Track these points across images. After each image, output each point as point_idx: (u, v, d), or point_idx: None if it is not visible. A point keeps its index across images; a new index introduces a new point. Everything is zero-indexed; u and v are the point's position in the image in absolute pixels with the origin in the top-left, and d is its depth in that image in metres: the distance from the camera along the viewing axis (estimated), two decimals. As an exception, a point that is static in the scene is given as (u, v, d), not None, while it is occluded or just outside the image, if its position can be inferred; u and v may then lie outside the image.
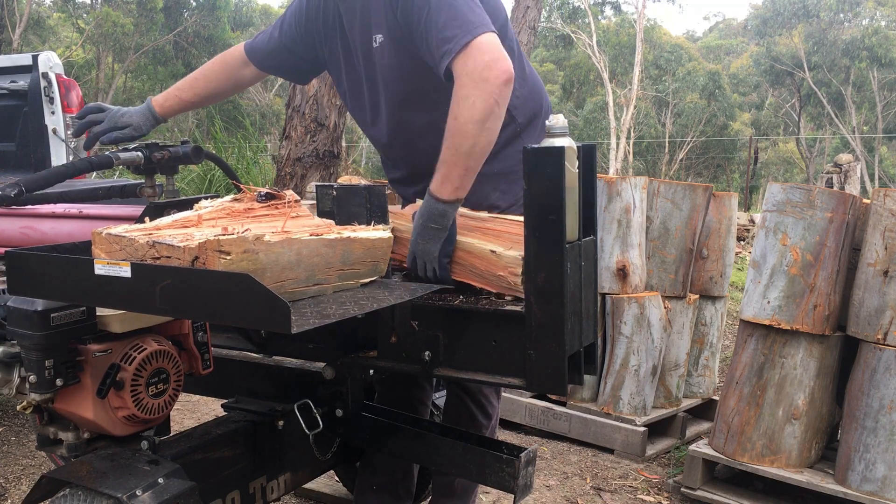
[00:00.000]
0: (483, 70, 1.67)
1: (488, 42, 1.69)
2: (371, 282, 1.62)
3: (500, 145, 1.96)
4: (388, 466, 2.23)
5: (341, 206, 1.77)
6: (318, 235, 1.49)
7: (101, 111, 2.12)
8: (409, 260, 1.76)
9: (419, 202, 1.87)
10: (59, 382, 1.56)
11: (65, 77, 4.84)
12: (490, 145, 1.71)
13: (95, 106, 2.14)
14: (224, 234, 1.38)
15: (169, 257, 1.39)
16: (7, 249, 1.56)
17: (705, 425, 3.64)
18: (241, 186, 1.76)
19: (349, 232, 1.58)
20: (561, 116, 1.56)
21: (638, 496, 2.97)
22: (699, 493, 2.86)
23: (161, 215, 1.71)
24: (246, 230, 1.41)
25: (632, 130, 27.37)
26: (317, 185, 1.86)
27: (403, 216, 1.88)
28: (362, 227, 1.65)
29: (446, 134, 1.70)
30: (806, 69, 27.86)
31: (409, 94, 1.93)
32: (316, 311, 1.37)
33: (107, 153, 1.92)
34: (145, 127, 2.13)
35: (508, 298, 1.66)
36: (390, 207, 1.85)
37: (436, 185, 1.71)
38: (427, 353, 1.68)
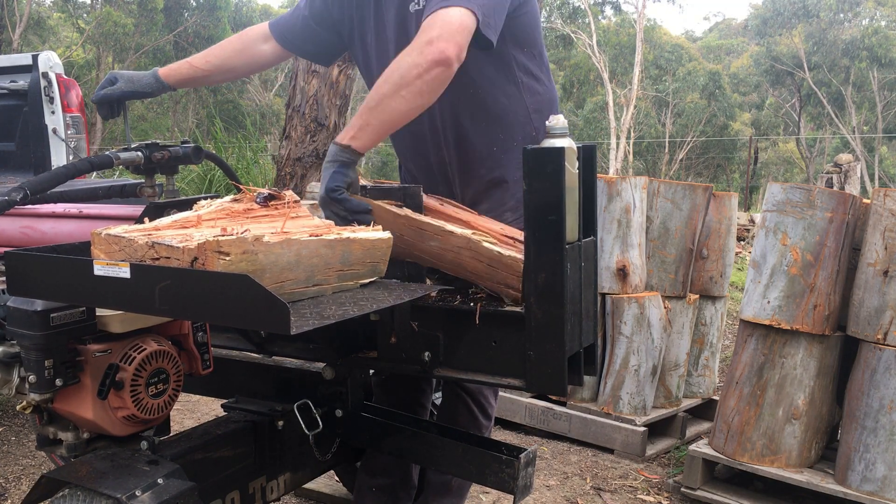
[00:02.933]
0: (426, 41, 1.66)
1: (450, 19, 1.67)
2: (370, 282, 1.62)
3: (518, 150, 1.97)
4: (387, 468, 2.23)
5: None
6: (317, 236, 1.49)
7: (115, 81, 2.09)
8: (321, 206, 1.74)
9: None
10: (58, 382, 1.56)
11: (65, 77, 4.84)
12: (402, 116, 1.70)
13: (110, 77, 2.11)
14: (223, 235, 1.38)
15: (168, 258, 1.39)
16: (7, 249, 1.56)
17: (705, 425, 3.64)
18: (241, 187, 1.76)
19: (348, 233, 1.57)
20: (561, 117, 1.56)
21: (638, 496, 2.97)
22: (699, 493, 2.86)
23: (161, 215, 1.71)
24: (245, 231, 1.41)
25: (632, 130, 27.38)
26: None
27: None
28: (362, 227, 1.65)
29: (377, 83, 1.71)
30: (806, 69, 27.87)
31: None
32: (315, 312, 1.37)
33: (107, 153, 1.91)
34: (139, 84, 2.07)
35: (508, 302, 1.66)
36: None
37: (343, 132, 1.72)
38: (427, 353, 1.68)
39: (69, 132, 4.74)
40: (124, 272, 1.37)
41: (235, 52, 2.18)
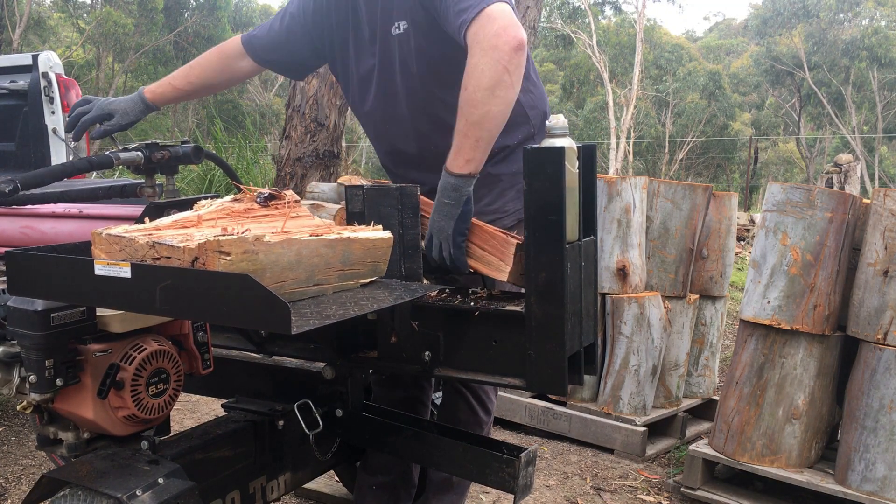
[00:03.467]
0: (493, 37, 1.65)
1: (500, 10, 1.68)
2: (371, 282, 1.62)
3: (515, 146, 1.97)
4: (388, 466, 2.24)
5: (371, 207, 1.75)
6: (317, 236, 1.49)
7: (88, 103, 2.11)
8: (426, 241, 1.73)
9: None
10: (59, 382, 1.56)
11: (65, 77, 4.84)
12: (503, 116, 1.69)
13: (83, 100, 2.13)
14: (224, 235, 1.38)
15: (169, 258, 1.39)
16: (7, 249, 1.56)
17: (705, 425, 3.64)
18: (242, 187, 1.76)
19: (349, 232, 1.57)
20: (561, 117, 1.56)
21: (638, 496, 2.97)
22: (699, 493, 2.86)
23: (161, 215, 1.70)
24: (246, 230, 1.41)
25: (632, 130, 27.38)
26: (346, 187, 1.83)
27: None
28: (362, 227, 1.64)
29: (459, 105, 1.69)
30: (806, 69, 27.86)
31: (430, 80, 1.92)
32: (316, 312, 1.37)
33: (107, 153, 1.91)
34: (133, 114, 2.11)
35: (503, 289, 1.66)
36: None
37: (449, 159, 1.70)
38: (427, 353, 1.68)
39: (69, 135, 4.74)
40: (125, 272, 1.37)
41: (215, 71, 2.22)
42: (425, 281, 1.77)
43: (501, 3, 1.69)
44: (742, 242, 9.05)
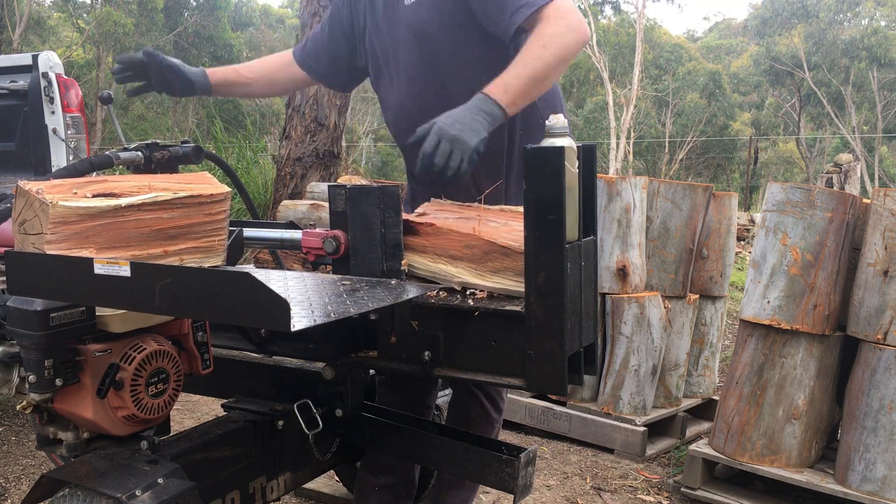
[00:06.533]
0: (575, 23, 1.75)
1: (570, 5, 1.78)
2: (371, 281, 1.62)
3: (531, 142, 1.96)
4: (390, 467, 2.23)
5: (354, 206, 1.75)
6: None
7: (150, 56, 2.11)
8: (427, 144, 1.64)
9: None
10: (58, 382, 1.55)
11: (65, 77, 4.84)
12: (548, 88, 1.79)
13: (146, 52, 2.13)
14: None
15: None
16: (7, 249, 1.56)
17: (705, 425, 3.64)
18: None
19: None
20: (561, 116, 1.56)
21: (638, 496, 2.97)
22: (699, 492, 2.86)
23: None
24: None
25: (632, 130, 27.39)
26: (329, 186, 1.82)
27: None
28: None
29: (523, 51, 1.73)
30: (806, 69, 27.87)
31: (429, 57, 1.93)
32: (316, 310, 1.37)
33: (107, 153, 1.92)
34: (194, 76, 2.12)
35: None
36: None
37: (494, 88, 1.70)
38: (427, 353, 1.68)
39: (69, 132, 4.74)
40: (125, 271, 1.37)
41: (274, 66, 2.26)
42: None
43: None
44: (742, 242, 9.05)
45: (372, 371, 2.16)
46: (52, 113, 4.71)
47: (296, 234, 1.84)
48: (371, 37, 2.08)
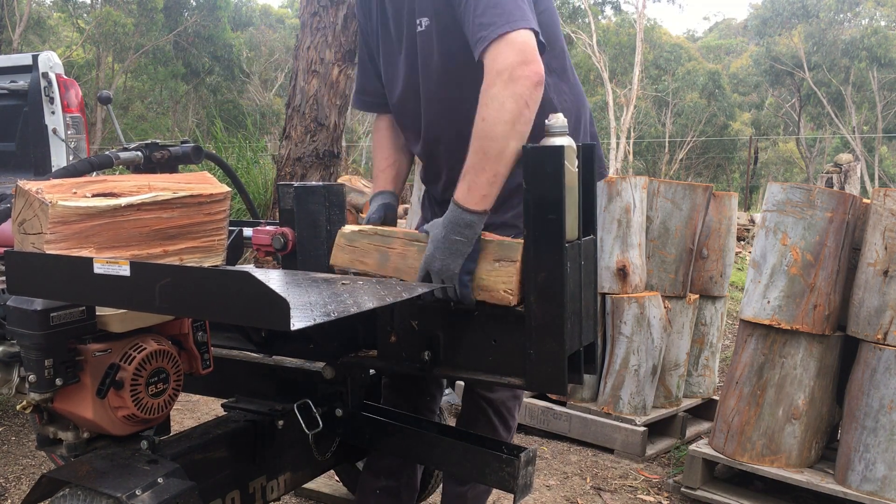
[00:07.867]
0: (514, 69, 1.59)
1: (524, 40, 1.62)
2: (371, 281, 1.62)
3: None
4: (393, 470, 2.20)
5: (301, 204, 1.83)
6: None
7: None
8: (419, 277, 1.65)
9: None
10: (58, 382, 1.56)
11: (65, 77, 4.84)
12: (518, 153, 1.61)
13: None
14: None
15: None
16: (7, 249, 1.56)
17: (705, 425, 3.64)
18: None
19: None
20: (561, 116, 1.56)
21: (638, 496, 2.97)
22: (699, 492, 2.86)
23: None
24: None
25: (632, 130, 27.39)
26: (279, 185, 1.89)
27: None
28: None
29: (473, 137, 1.62)
30: (806, 69, 27.87)
31: (447, 81, 1.87)
32: (315, 309, 1.37)
33: (107, 153, 1.93)
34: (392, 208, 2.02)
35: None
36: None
37: (461, 193, 1.61)
38: (427, 352, 1.68)
39: (69, 132, 4.74)
40: (124, 270, 1.37)
41: (384, 137, 2.12)
42: None
43: (526, 30, 1.63)
44: (742, 242, 9.05)
45: (372, 371, 2.16)
46: (52, 113, 4.71)
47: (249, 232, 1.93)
48: (382, 58, 2.03)
